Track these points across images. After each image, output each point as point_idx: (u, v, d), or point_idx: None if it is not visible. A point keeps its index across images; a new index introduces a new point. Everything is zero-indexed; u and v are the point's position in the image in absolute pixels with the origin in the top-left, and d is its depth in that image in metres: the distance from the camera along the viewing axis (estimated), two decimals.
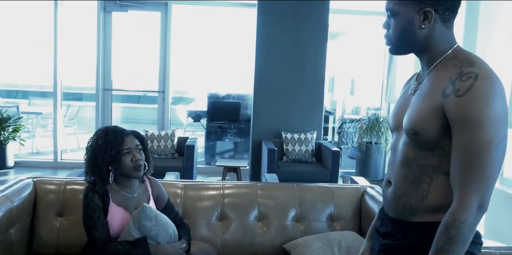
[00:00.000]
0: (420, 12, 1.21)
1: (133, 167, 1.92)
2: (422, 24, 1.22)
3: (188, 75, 7.01)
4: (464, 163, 1.15)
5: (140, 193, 2.05)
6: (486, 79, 1.14)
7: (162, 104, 5.98)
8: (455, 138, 1.17)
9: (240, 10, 6.10)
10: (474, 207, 1.13)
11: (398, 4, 1.24)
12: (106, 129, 1.95)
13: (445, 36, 1.25)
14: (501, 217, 3.42)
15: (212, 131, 6.43)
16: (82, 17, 6.27)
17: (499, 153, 1.14)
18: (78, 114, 7.52)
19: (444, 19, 1.23)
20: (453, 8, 1.23)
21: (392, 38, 1.28)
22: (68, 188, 2.33)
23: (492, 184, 1.15)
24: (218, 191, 2.41)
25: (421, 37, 1.24)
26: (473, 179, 1.14)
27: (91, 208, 1.90)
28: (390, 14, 1.27)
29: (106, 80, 5.97)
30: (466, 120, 1.13)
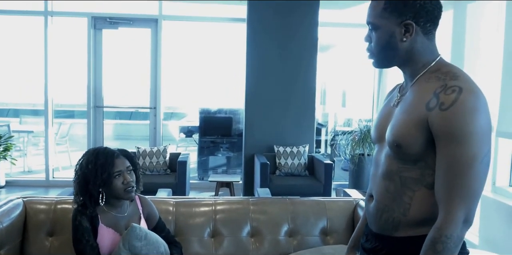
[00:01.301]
0: (401, 25, 1.22)
1: (124, 189, 1.91)
2: (403, 37, 1.22)
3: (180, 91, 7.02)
4: (449, 177, 1.14)
5: (130, 212, 2.03)
6: (470, 93, 1.14)
7: (154, 120, 5.97)
8: (440, 151, 1.16)
9: (229, 25, 6.16)
10: (460, 222, 1.13)
11: (378, 18, 1.24)
12: (96, 152, 1.93)
13: (427, 48, 1.25)
14: (495, 226, 3.42)
15: (205, 146, 6.42)
16: (72, 35, 6.30)
17: (484, 166, 1.14)
18: (70, 132, 7.49)
19: (426, 31, 1.23)
20: (434, 19, 1.23)
21: (374, 52, 1.29)
22: (58, 207, 2.31)
23: (477, 198, 1.15)
24: (210, 207, 2.40)
25: (403, 50, 1.24)
26: (458, 194, 1.13)
27: (80, 231, 1.89)
28: (371, 28, 1.27)
29: (97, 97, 5.97)
30: (451, 134, 1.13)
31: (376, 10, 1.25)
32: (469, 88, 1.15)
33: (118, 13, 5.92)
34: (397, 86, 1.41)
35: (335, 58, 7.00)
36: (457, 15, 4.22)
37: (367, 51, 1.32)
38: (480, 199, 1.19)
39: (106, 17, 5.88)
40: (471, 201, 1.13)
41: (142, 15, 5.94)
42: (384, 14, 1.23)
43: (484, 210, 3.55)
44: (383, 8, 1.23)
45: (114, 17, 5.89)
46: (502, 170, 3.59)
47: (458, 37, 4.14)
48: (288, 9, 5.21)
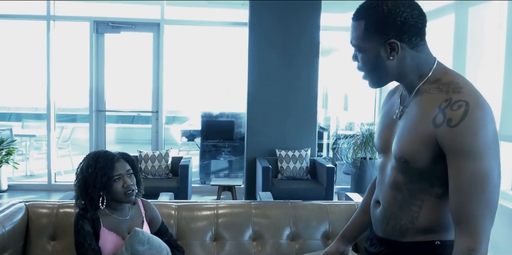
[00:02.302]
0: (386, 44, 1.18)
1: (124, 193, 1.91)
2: (390, 56, 1.19)
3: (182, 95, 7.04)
4: (471, 195, 1.11)
5: (133, 216, 2.04)
6: (477, 107, 1.12)
7: (156, 124, 5.98)
8: (454, 169, 1.13)
9: (231, 29, 6.18)
10: (488, 239, 1.12)
11: (361, 40, 1.20)
12: (96, 155, 1.94)
13: (419, 60, 1.21)
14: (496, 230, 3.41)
15: (207, 150, 6.43)
16: (74, 39, 6.32)
17: (499, 178, 1.14)
18: (72, 136, 7.50)
19: (412, 45, 1.19)
20: (418, 32, 1.18)
21: (365, 73, 1.26)
22: (61, 211, 2.31)
23: (496, 211, 1.14)
24: (212, 211, 2.40)
25: (393, 68, 1.21)
26: (484, 211, 1.11)
27: (82, 235, 1.89)
28: (356, 50, 1.25)
29: (99, 101, 5.98)
30: (464, 151, 1.10)
31: (358, 31, 1.20)
32: (476, 102, 1.13)
33: (120, 17, 5.95)
34: (397, 91, 1.38)
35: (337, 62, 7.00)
36: (458, 19, 4.23)
37: (358, 70, 1.29)
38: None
39: (108, 22, 5.91)
40: (493, 215, 1.13)
41: (144, 19, 5.97)
42: (367, 36, 1.19)
43: None
44: (364, 29, 1.19)
45: (116, 22, 5.92)
46: (504, 174, 3.58)
47: (460, 41, 4.15)
48: (289, 13, 5.23)
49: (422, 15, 1.19)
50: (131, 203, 2.00)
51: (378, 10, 1.16)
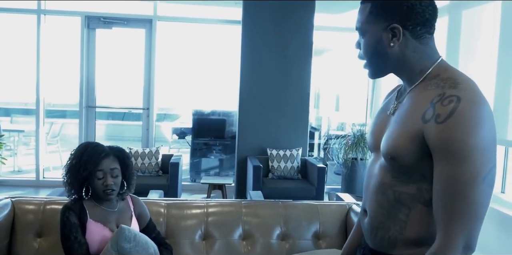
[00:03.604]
0: (388, 29, 1.13)
1: (103, 191, 1.89)
2: (391, 42, 1.14)
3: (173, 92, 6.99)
4: (448, 198, 1.04)
5: (121, 209, 2.01)
6: (469, 103, 1.03)
7: (147, 122, 5.93)
8: (437, 168, 1.06)
9: (224, 27, 6.15)
10: (460, 248, 1.03)
11: (365, 23, 1.17)
12: (84, 148, 1.92)
13: (423, 53, 1.16)
14: (487, 232, 3.42)
15: (197, 148, 6.39)
16: (65, 34, 6.25)
17: (487, 185, 1.03)
18: (61, 132, 7.42)
19: (416, 35, 1.14)
20: (425, 22, 1.13)
21: (366, 60, 1.22)
22: (47, 208, 2.27)
23: (480, 221, 1.04)
24: (202, 210, 2.37)
25: (394, 56, 1.16)
26: (458, 217, 1.03)
27: (67, 228, 1.86)
28: (359, 34, 1.21)
29: (89, 97, 5.92)
30: (449, 150, 1.03)
31: (363, 14, 1.18)
32: (469, 98, 1.05)
33: (112, 13, 5.89)
34: (397, 89, 1.34)
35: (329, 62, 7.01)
36: (452, 22, 4.24)
37: (359, 59, 1.25)
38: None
39: (100, 17, 5.85)
40: (472, 225, 1.03)
41: (136, 15, 5.91)
42: (371, 19, 1.16)
43: None
44: (369, 12, 1.16)
45: (108, 17, 5.85)
46: None
47: (453, 44, 4.16)
48: (283, 12, 5.21)
49: (432, 6, 1.14)
50: (110, 201, 1.97)
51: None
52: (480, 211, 1.03)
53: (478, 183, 1.01)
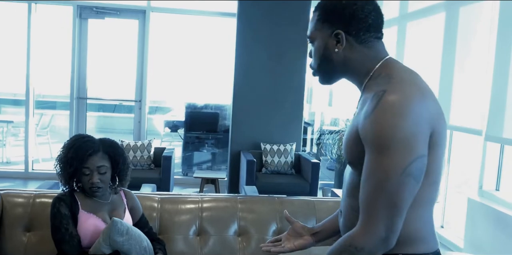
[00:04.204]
0: (333, 35, 1.18)
1: (89, 187, 1.84)
2: (335, 48, 1.18)
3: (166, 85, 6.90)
4: (369, 188, 1.05)
5: (114, 201, 1.96)
6: (393, 94, 1.04)
7: (139, 114, 5.86)
8: (365, 161, 1.08)
9: (219, 19, 6.06)
10: (376, 238, 1.04)
11: (314, 30, 1.22)
12: (73, 143, 1.86)
13: (367, 56, 1.19)
14: (481, 230, 3.42)
15: (190, 142, 6.32)
16: (57, 23, 6.13)
17: (408, 177, 1.02)
18: (51, 123, 7.31)
19: (360, 40, 1.18)
20: (368, 28, 1.17)
21: (314, 66, 1.26)
22: (37, 201, 2.20)
23: (399, 212, 1.04)
24: (197, 205, 2.32)
25: (339, 61, 1.20)
26: (378, 208, 1.04)
27: (58, 219, 1.81)
28: (310, 41, 1.25)
29: (81, 88, 5.82)
30: (371, 143, 1.05)
31: (313, 22, 1.23)
32: (394, 90, 1.06)
33: (104, 2, 5.78)
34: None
35: None
36: (449, 18, 4.20)
37: (311, 68, 1.28)
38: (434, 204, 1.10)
39: (92, 7, 5.74)
40: (392, 216, 1.04)
41: (129, 5, 5.81)
42: (318, 26, 1.21)
43: (470, 214, 3.54)
44: (317, 19, 1.21)
45: (101, 7, 5.75)
46: (489, 174, 3.58)
47: (450, 40, 4.12)
48: (279, 6, 5.14)
49: (375, 12, 1.18)
50: (96, 197, 1.91)
51: (331, 1, 1.19)
52: (399, 202, 1.04)
53: (397, 175, 1.02)
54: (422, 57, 4.69)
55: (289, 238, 1.49)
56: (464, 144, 4.21)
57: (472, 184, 3.79)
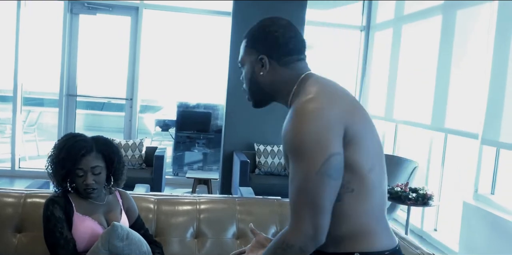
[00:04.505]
0: (258, 60, 1.28)
1: (83, 189, 1.76)
2: (260, 71, 1.28)
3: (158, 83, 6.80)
4: (293, 191, 1.14)
5: (110, 202, 1.88)
6: (300, 105, 1.16)
7: (130, 112, 5.76)
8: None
9: (213, 18, 5.99)
10: (305, 235, 1.12)
11: (242, 56, 1.33)
12: (64, 143, 1.77)
13: (289, 76, 1.27)
14: (476, 233, 3.41)
15: (181, 141, 6.24)
16: (47, 19, 6.00)
17: (323, 177, 1.10)
18: (39, 121, 7.17)
19: (283, 63, 1.27)
20: (290, 52, 1.27)
21: (245, 89, 1.36)
22: (28, 201, 2.12)
23: (323, 211, 1.11)
24: (194, 206, 2.25)
25: (266, 84, 1.29)
26: (302, 208, 1.12)
27: (52, 222, 1.72)
28: (240, 67, 1.35)
29: (70, 85, 5.70)
30: (288, 150, 1.16)
31: (241, 48, 1.33)
32: (302, 101, 1.17)
33: None
34: None
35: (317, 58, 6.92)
36: (445, 21, 4.19)
37: (243, 92, 1.38)
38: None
39: (83, 2, 5.63)
40: (317, 215, 1.11)
41: (122, 2, 5.71)
42: (246, 52, 1.32)
43: (466, 217, 3.53)
44: (245, 46, 1.32)
45: (92, 3, 5.64)
46: (484, 178, 3.57)
47: (446, 43, 4.11)
48: (275, 5, 5.09)
49: (296, 38, 1.29)
50: (91, 198, 1.83)
51: (256, 28, 1.30)
52: (320, 201, 1.11)
53: (313, 175, 1.10)
54: (417, 60, 4.68)
55: (253, 249, 1.49)
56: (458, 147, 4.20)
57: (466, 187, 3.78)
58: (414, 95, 4.63)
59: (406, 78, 4.87)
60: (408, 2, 5.04)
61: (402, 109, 4.90)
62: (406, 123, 4.81)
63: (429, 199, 3.25)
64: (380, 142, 1.29)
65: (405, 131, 5.09)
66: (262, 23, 1.31)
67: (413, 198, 3.19)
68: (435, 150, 4.27)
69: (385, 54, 5.36)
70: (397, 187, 3.35)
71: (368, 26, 5.86)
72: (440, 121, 4.06)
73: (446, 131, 4.03)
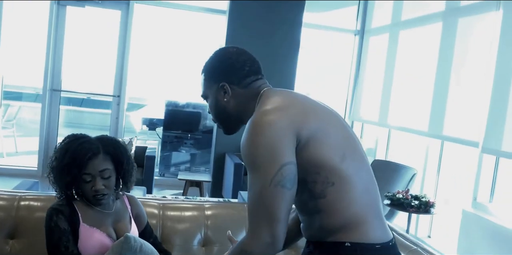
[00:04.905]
0: (219, 88, 1.34)
1: (93, 196, 1.60)
2: (224, 98, 1.34)
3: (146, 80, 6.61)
4: (250, 201, 1.19)
5: (118, 210, 1.73)
6: (251, 119, 1.21)
7: (117, 110, 5.56)
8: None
9: (207, 15, 5.84)
10: (262, 243, 1.15)
11: (204, 89, 1.39)
12: (67, 146, 1.61)
13: (251, 96, 1.33)
14: (474, 241, 3.38)
15: (168, 141, 6.07)
16: (32, 9, 5.75)
17: (278, 186, 1.14)
18: (18, 116, 6.89)
19: (243, 85, 1.34)
20: (247, 74, 1.34)
21: (214, 119, 1.41)
22: (22, 204, 1.95)
23: (279, 220, 1.15)
24: (201, 212, 2.13)
25: (232, 109, 1.34)
26: (258, 217, 1.16)
27: (56, 235, 1.56)
28: (204, 99, 1.41)
29: (55, 80, 5.47)
30: (245, 164, 1.21)
31: (202, 82, 1.39)
32: (253, 116, 1.22)
33: None
34: None
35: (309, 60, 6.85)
36: (446, 28, 4.15)
37: (214, 122, 1.44)
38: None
39: None
40: (271, 224, 1.15)
41: None
42: (207, 84, 1.37)
43: (464, 225, 3.49)
44: (204, 79, 1.38)
45: None
46: (483, 186, 3.55)
47: (446, 51, 4.08)
48: (272, 5, 4.99)
49: (250, 60, 1.36)
50: (101, 205, 1.68)
51: (211, 61, 1.38)
52: (275, 211, 1.15)
53: (266, 186, 1.15)
54: (415, 65, 4.64)
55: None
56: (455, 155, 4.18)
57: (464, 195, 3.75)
58: (410, 102, 4.60)
59: (402, 84, 4.83)
60: (406, 8, 5.01)
61: (397, 115, 4.86)
62: (401, 129, 4.77)
63: (431, 207, 3.19)
64: (349, 132, 1.32)
65: (400, 137, 5.06)
66: (215, 55, 1.38)
67: (415, 205, 3.13)
68: (431, 157, 4.24)
69: (381, 59, 5.32)
70: (398, 193, 3.29)
71: (363, 30, 5.82)
72: (438, 128, 4.02)
73: (444, 138, 3.99)
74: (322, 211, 1.21)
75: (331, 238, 1.23)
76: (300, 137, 1.19)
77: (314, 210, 1.23)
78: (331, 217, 1.21)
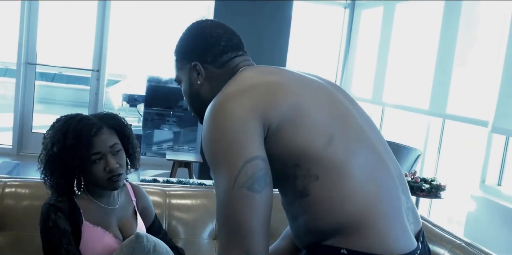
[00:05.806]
0: (192, 68, 1.14)
1: (108, 178, 1.36)
2: (197, 80, 1.14)
3: (126, 54, 6.23)
4: (216, 212, 0.98)
5: (122, 204, 1.50)
6: (210, 109, 1.00)
7: (96, 85, 5.21)
8: None
9: None
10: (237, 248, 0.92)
11: (177, 72, 1.20)
12: (66, 126, 1.35)
13: (229, 76, 1.11)
14: (483, 225, 3.29)
15: (149, 118, 5.76)
16: None
17: (243, 189, 0.91)
18: None
19: (219, 65, 1.14)
20: (224, 50, 1.13)
21: (189, 105, 1.21)
22: (7, 191, 1.69)
23: (251, 232, 0.92)
24: (212, 200, 1.89)
25: (206, 93, 1.13)
26: (227, 232, 0.94)
27: (56, 236, 1.32)
28: (178, 84, 1.22)
29: (29, 53, 5.05)
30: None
31: (174, 65, 1.20)
32: (213, 104, 1.01)
33: None
34: None
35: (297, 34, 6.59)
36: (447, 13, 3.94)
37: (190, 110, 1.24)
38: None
39: None
40: (245, 241, 0.92)
41: None
42: (178, 66, 1.19)
43: (472, 208, 3.39)
44: (176, 60, 1.19)
45: None
46: (492, 168, 3.42)
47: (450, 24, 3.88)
48: None
49: (227, 33, 1.16)
50: (115, 190, 1.45)
51: (182, 37, 1.18)
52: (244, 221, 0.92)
53: (229, 191, 0.93)
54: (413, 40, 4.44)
55: None
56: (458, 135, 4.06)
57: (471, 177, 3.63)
58: (408, 78, 4.42)
59: (399, 59, 4.64)
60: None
61: (393, 93, 4.69)
62: (398, 107, 4.61)
63: (442, 190, 3.06)
64: (346, 107, 1.09)
65: (394, 115, 4.91)
66: (187, 30, 1.19)
67: (426, 189, 2.99)
68: (432, 138, 4.11)
69: (375, 33, 5.10)
70: (406, 176, 3.13)
71: (353, 3, 5.59)
72: (441, 106, 3.87)
73: (448, 117, 3.84)
74: (306, 213, 0.99)
75: (326, 242, 0.99)
76: (269, 121, 0.97)
77: (298, 212, 1.02)
78: (319, 219, 0.98)
